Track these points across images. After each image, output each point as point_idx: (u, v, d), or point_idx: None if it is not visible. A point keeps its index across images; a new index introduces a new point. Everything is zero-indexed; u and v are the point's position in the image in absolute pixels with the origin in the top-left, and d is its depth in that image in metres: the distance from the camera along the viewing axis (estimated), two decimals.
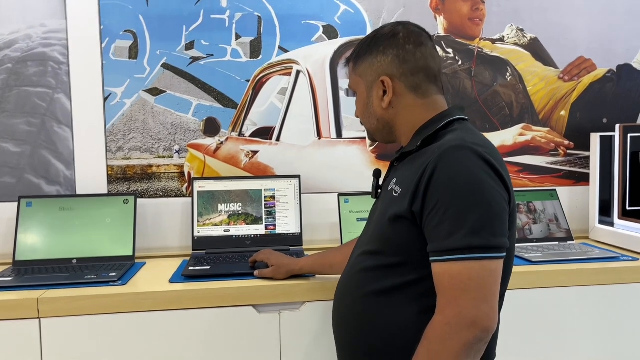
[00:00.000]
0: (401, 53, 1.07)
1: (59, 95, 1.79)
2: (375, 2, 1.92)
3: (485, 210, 0.92)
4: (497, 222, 0.93)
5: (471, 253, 0.91)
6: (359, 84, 1.14)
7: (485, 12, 1.98)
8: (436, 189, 0.94)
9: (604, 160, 1.91)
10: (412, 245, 1.00)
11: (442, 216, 0.93)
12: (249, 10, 1.86)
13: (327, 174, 1.93)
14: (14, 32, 1.76)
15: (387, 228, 1.04)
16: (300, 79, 1.90)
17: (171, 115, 1.86)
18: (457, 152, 0.95)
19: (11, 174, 1.78)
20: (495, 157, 0.98)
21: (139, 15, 1.81)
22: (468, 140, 0.98)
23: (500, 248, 0.93)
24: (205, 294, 1.40)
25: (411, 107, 1.09)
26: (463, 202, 0.92)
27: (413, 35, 1.09)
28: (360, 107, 1.16)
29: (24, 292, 1.38)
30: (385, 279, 1.04)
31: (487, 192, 0.93)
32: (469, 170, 0.94)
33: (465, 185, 0.93)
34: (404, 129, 1.11)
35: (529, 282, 1.53)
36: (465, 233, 0.91)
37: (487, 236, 0.91)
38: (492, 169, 0.95)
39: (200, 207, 1.78)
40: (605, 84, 2.06)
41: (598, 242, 1.89)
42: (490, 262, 0.92)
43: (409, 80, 1.08)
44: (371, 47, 1.10)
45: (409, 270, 1.01)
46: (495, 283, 0.92)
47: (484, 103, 2.00)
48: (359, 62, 1.13)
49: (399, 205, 1.01)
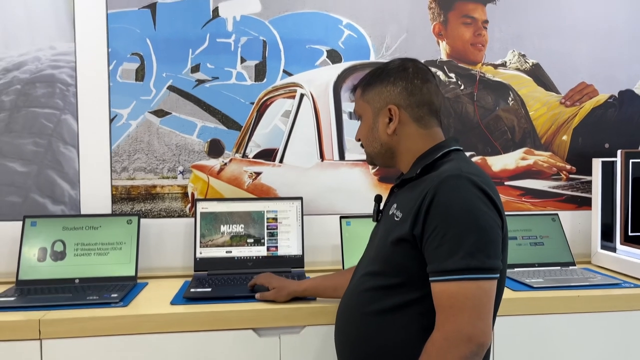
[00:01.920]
0: (409, 86, 1.16)
1: (66, 116, 1.82)
2: (379, 27, 1.95)
3: (480, 235, 0.99)
4: (491, 245, 1.01)
5: (468, 274, 0.98)
6: (366, 110, 1.21)
7: (488, 37, 2.01)
8: (435, 214, 1.02)
9: (605, 185, 1.91)
10: (413, 266, 1.06)
11: (441, 239, 1.00)
12: (254, 34, 1.89)
13: (329, 196, 1.94)
14: (23, 54, 1.80)
15: (389, 250, 1.10)
16: (304, 102, 1.93)
17: (176, 136, 1.88)
18: (455, 181, 1.03)
19: (17, 193, 1.80)
20: (489, 185, 1.06)
21: (146, 39, 1.85)
22: (464, 169, 1.05)
23: (494, 269, 1.00)
24: (206, 317, 1.41)
25: (413, 136, 1.17)
26: (460, 227, 1.00)
27: (421, 71, 1.18)
28: (364, 131, 1.23)
29: (26, 312, 1.39)
30: (387, 299, 1.10)
31: (482, 218, 1.01)
32: (466, 198, 1.01)
33: (462, 212, 1.00)
34: (404, 156, 1.19)
35: (530, 308, 1.52)
36: (462, 255, 0.98)
37: (482, 258, 0.98)
38: (487, 197, 1.03)
39: (203, 228, 1.79)
40: (607, 109, 2.08)
41: (600, 267, 1.89)
42: (485, 282, 0.99)
43: (414, 111, 1.16)
44: (382, 77, 1.18)
45: (410, 290, 1.07)
46: (489, 302, 1.00)
47: (486, 127, 2.01)
48: (367, 89, 1.21)
49: (400, 228, 1.08)
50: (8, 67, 1.79)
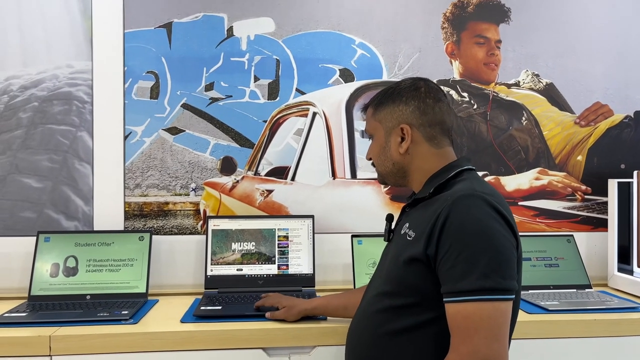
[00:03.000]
0: (422, 105, 1.16)
1: (81, 133, 1.84)
2: (391, 46, 1.96)
3: (495, 255, 0.98)
4: (506, 266, 0.99)
5: (483, 294, 0.96)
6: (378, 129, 1.21)
7: (501, 57, 2.01)
8: (449, 234, 1.00)
9: (622, 206, 1.88)
10: (426, 286, 1.05)
11: (455, 259, 0.99)
12: (267, 53, 1.91)
13: (340, 215, 1.93)
14: (41, 72, 1.83)
15: (402, 270, 1.09)
16: (316, 120, 1.93)
17: (189, 153, 1.90)
18: (469, 200, 1.02)
19: (32, 209, 1.82)
20: (503, 205, 1.05)
21: (161, 57, 1.88)
22: (478, 189, 1.04)
23: (509, 290, 0.98)
24: (215, 335, 1.40)
25: (425, 156, 1.16)
26: (474, 247, 0.98)
27: (433, 91, 1.18)
28: (375, 151, 1.23)
29: (37, 328, 1.39)
30: (401, 319, 1.08)
31: (497, 238, 0.99)
32: (480, 217, 1.00)
33: (477, 232, 0.99)
34: (416, 175, 1.18)
35: (546, 331, 1.49)
36: (477, 276, 0.96)
37: (497, 279, 0.97)
38: (501, 217, 1.02)
39: (214, 246, 1.79)
40: (623, 129, 2.05)
41: (617, 290, 1.85)
42: (500, 303, 0.97)
43: (426, 130, 1.16)
44: (393, 96, 1.18)
45: (423, 310, 1.06)
46: (505, 323, 0.98)
47: (500, 146, 2.00)
48: (379, 109, 1.21)
49: (413, 248, 1.07)
50: (26, 84, 1.83)
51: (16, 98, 1.82)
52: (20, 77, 1.83)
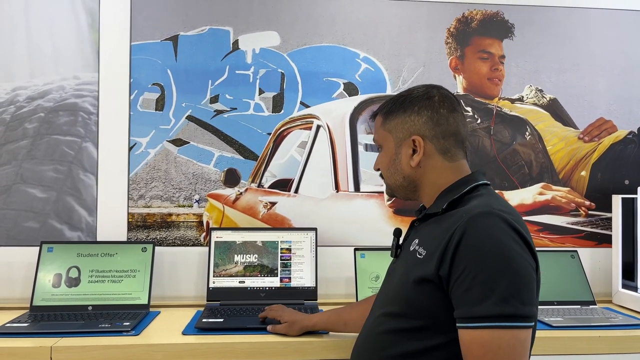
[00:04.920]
0: (435, 116, 1.09)
1: (86, 144, 1.85)
2: (396, 61, 1.97)
3: (514, 278, 0.91)
4: (526, 290, 0.92)
5: (501, 321, 0.89)
6: (387, 139, 1.15)
7: (504, 72, 2.02)
8: (464, 255, 0.94)
9: (626, 222, 1.88)
10: (437, 309, 0.98)
11: (471, 282, 0.92)
12: (272, 66, 1.93)
13: (343, 228, 1.93)
14: (48, 83, 1.85)
15: (411, 290, 1.02)
16: (320, 133, 1.94)
17: (193, 165, 1.90)
18: (486, 219, 0.95)
19: (35, 218, 1.82)
20: (522, 224, 0.98)
21: (167, 70, 1.89)
22: (495, 206, 0.98)
23: (530, 317, 0.92)
24: (217, 348, 1.39)
25: (438, 169, 1.10)
26: (492, 269, 0.91)
27: (447, 100, 1.11)
28: (384, 162, 1.16)
29: (38, 339, 1.39)
30: (408, 343, 1.02)
31: (516, 260, 0.92)
32: (498, 237, 0.93)
33: (494, 252, 0.92)
34: (428, 190, 1.11)
35: (549, 348, 1.48)
36: (495, 300, 0.89)
37: (517, 304, 0.90)
38: (520, 237, 0.95)
39: (217, 258, 1.79)
40: (627, 145, 2.05)
41: (622, 307, 1.84)
42: (520, 331, 0.90)
43: (439, 142, 1.09)
44: (405, 105, 1.11)
45: (432, 334, 0.99)
46: (524, 354, 0.91)
47: (503, 161, 2.00)
48: (389, 118, 1.14)
49: (424, 267, 1.00)
50: (33, 95, 1.84)
51: (23, 109, 1.84)
52: (27, 88, 1.84)
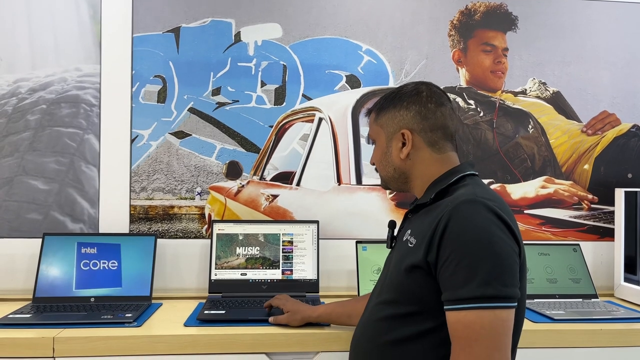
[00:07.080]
0: (423, 110, 1.14)
1: (88, 135, 1.85)
2: (398, 53, 1.96)
3: (496, 262, 0.96)
4: (508, 273, 0.97)
5: (483, 302, 0.94)
6: (379, 134, 1.20)
7: (508, 65, 2.01)
8: (450, 241, 0.99)
9: (628, 216, 1.87)
10: (427, 294, 1.03)
11: (456, 267, 0.97)
12: (274, 59, 1.92)
13: (345, 220, 1.93)
14: (49, 75, 1.85)
15: (403, 278, 1.07)
16: (322, 126, 1.94)
17: (195, 157, 1.90)
18: (470, 206, 1.01)
19: (38, 210, 1.83)
20: (505, 211, 1.03)
21: (169, 62, 1.89)
22: (479, 194, 1.03)
23: (511, 298, 0.97)
24: (219, 339, 1.39)
25: (427, 161, 1.15)
26: (475, 254, 0.96)
27: (435, 95, 1.16)
28: (377, 155, 1.22)
29: (40, 330, 1.40)
30: (402, 328, 1.06)
31: (498, 244, 0.97)
32: (481, 223, 0.99)
33: (478, 238, 0.97)
34: (418, 181, 1.17)
35: (551, 340, 1.48)
36: (478, 283, 0.95)
37: (498, 286, 0.95)
38: (503, 222, 1.00)
39: (219, 250, 1.79)
40: (630, 138, 2.04)
41: (623, 300, 1.83)
42: (501, 311, 0.95)
43: (427, 135, 1.14)
44: (395, 101, 1.17)
45: (425, 319, 1.04)
46: (506, 332, 0.96)
47: (506, 154, 1.99)
48: (381, 114, 1.20)
49: (414, 255, 1.05)
50: (34, 87, 1.84)
51: (25, 100, 1.83)
52: (29, 80, 1.84)
